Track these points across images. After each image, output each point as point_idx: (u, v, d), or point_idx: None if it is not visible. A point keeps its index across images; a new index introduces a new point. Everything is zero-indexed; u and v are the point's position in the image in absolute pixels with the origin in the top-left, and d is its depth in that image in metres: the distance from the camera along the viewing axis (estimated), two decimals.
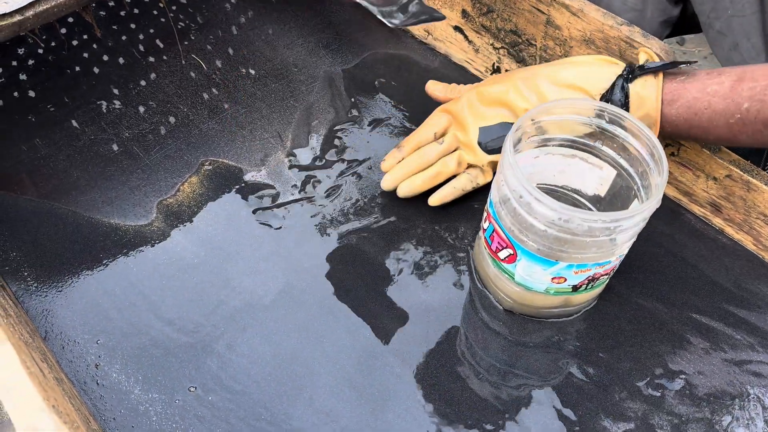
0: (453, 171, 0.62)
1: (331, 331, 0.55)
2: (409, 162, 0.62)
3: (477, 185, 0.62)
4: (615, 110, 0.50)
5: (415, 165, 0.62)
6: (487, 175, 0.62)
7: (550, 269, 0.48)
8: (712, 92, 0.52)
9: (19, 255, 0.59)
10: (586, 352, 0.54)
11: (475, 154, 0.60)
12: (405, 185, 0.62)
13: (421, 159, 0.62)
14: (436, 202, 0.61)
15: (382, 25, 0.82)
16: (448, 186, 0.62)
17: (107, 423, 0.50)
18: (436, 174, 0.61)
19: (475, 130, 0.60)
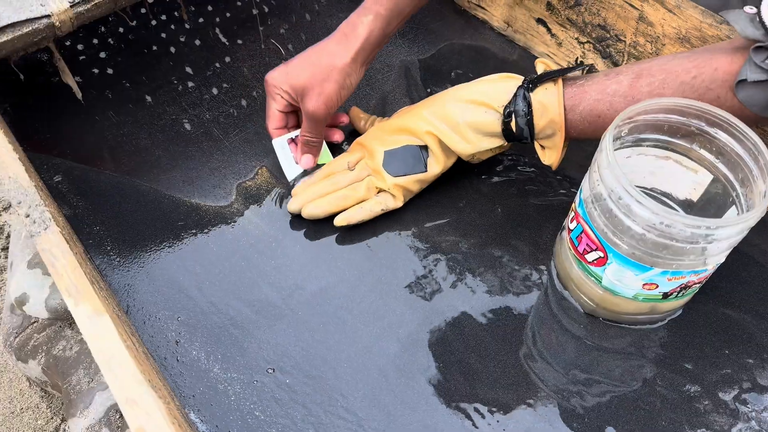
0: (362, 196, 0.60)
1: (407, 322, 0.55)
2: (319, 187, 0.61)
3: (387, 207, 0.60)
4: (717, 112, 0.48)
5: (325, 190, 0.61)
6: (397, 200, 0.60)
7: (643, 275, 0.46)
8: (612, 92, 0.51)
9: (102, 229, 0.60)
10: (670, 361, 0.52)
11: (382, 179, 0.59)
12: (311, 206, 0.60)
13: (332, 185, 0.61)
14: (341, 221, 0.59)
15: (459, 16, 0.81)
16: (355, 206, 0.60)
17: (186, 400, 0.51)
18: (344, 197, 0.60)
19: (381, 154, 0.59)
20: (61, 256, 0.44)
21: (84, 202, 0.61)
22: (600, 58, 0.69)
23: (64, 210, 0.60)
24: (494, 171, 0.65)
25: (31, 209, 0.46)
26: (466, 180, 0.64)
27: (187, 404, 0.50)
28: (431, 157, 0.59)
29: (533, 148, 0.57)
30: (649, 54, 0.64)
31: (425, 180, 0.60)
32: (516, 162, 0.65)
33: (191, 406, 0.50)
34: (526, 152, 0.66)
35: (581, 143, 0.58)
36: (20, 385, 0.67)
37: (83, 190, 0.62)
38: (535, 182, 0.64)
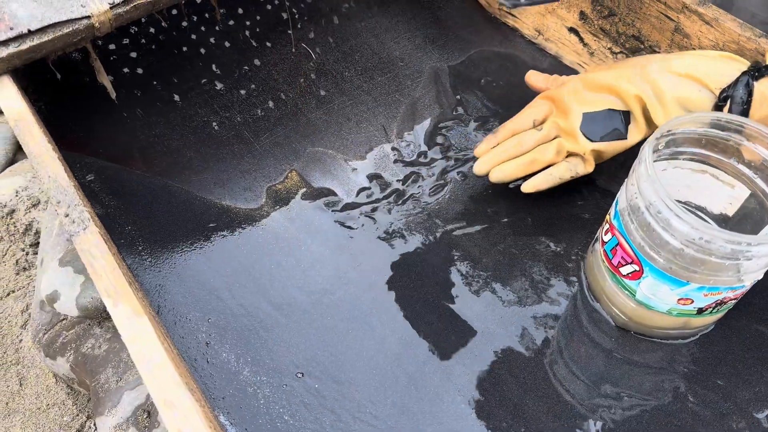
0: (551, 159, 0.58)
1: (436, 332, 0.55)
2: (504, 148, 0.59)
3: (576, 174, 0.59)
4: (757, 126, 0.47)
5: (511, 151, 0.59)
6: (588, 165, 0.58)
7: (679, 290, 0.46)
8: None
9: (134, 229, 0.60)
10: (702, 377, 0.52)
11: (576, 142, 0.57)
12: (497, 170, 0.59)
13: (517, 146, 0.59)
14: (529, 188, 0.58)
15: (489, 23, 0.80)
16: (544, 173, 0.58)
17: (216, 402, 0.51)
18: (532, 161, 0.58)
19: (579, 115, 0.56)
20: (100, 257, 0.44)
21: (116, 202, 0.62)
22: None
23: (97, 209, 0.61)
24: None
25: (71, 209, 0.46)
26: (495, 187, 0.64)
27: (217, 406, 0.51)
28: (632, 124, 0.56)
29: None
30: None
31: (623, 148, 0.57)
32: None
33: (221, 408, 0.51)
34: None
35: None
36: (47, 381, 0.68)
37: (115, 189, 0.62)
38: (566, 191, 0.63)
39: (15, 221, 0.78)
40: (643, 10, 0.64)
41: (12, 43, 0.53)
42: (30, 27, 0.53)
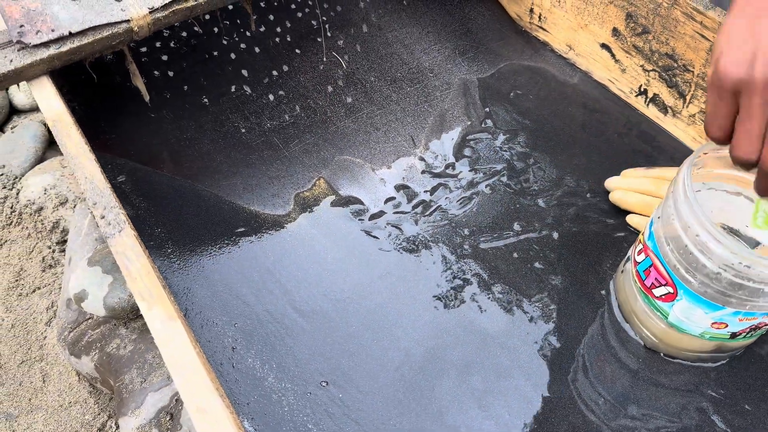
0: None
1: (461, 344, 0.54)
2: (642, 182, 0.61)
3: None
4: None
5: (645, 188, 0.60)
6: None
7: (714, 313, 0.46)
8: None
9: (164, 231, 0.61)
10: (731, 402, 0.51)
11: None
12: (622, 192, 0.61)
13: (654, 187, 0.60)
14: (635, 225, 0.61)
15: (519, 36, 0.80)
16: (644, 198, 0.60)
17: (240, 407, 0.51)
18: (651, 205, 0.59)
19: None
20: (135, 259, 0.44)
21: (146, 204, 0.62)
22: (665, 86, 0.68)
23: (127, 210, 0.61)
24: (553, 195, 0.64)
25: (106, 211, 0.47)
26: (523, 201, 0.64)
27: (242, 412, 0.51)
28: None
29: (595, 173, 0.56)
30: None
31: None
32: (576, 187, 0.65)
33: (245, 414, 0.51)
34: (587, 176, 0.66)
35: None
36: (70, 379, 0.68)
37: (146, 191, 0.63)
38: (594, 208, 0.63)
39: (43, 219, 0.79)
40: (678, 28, 0.63)
41: (53, 44, 0.53)
42: (71, 29, 0.54)
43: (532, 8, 0.79)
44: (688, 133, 0.68)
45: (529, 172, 0.67)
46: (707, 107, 0.43)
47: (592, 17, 0.72)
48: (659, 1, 0.64)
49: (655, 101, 0.70)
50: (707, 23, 0.60)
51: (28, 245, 0.79)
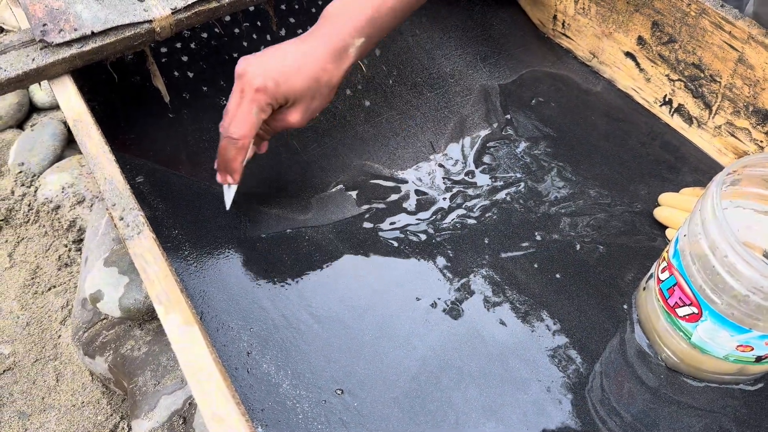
0: None
1: (479, 356, 0.54)
2: (689, 201, 0.60)
3: None
4: None
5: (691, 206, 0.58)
6: None
7: (739, 336, 0.44)
8: None
9: (181, 233, 0.61)
10: (755, 423, 0.50)
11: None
12: (669, 210, 0.60)
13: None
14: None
15: (542, 43, 0.80)
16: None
17: (255, 413, 0.50)
18: None
19: None
20: (153, 263, 0.44)
21: (164, 205, 0.62)
22: (691, 97, 0.67)
23: (145, 211, 0.61)
24: (573, 205, 0.63)
25: (125, 212, 0.47)
26: (543, 211, 0.63)
27: (256, 418, 0.50)
28: None
29: (617, 183, 0.55)
30: (746, 97, 0.62)
31: None
32: (598, 197, 0.64)
33: (260, 420, 0.50)
34: (609, 186, 0.65)
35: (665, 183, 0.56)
36: (83, 379, 0.68)
37: (164, 192, 0.63)
38: (617, 219, 0.62)
39: (60, 217, 0.79)
40: (706, 38, 0.62)
41: (75, 44, 0.53)
42: (93, 29, 0.53)
43: (555, 15, 0.78)
44: (714, 145, 0.67)
45: (550, 180, 0.66)
46: None
47: (617, 25, 0.71)
48: (687, 10, 0.63)
49: (680, 111, 0.69)
50: (736, 33, 0.59)
51: (44, 243, 0.79)
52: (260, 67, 0.52)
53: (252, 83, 0.51)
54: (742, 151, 0.64)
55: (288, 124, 0.55)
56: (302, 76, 0.52)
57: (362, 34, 0.54)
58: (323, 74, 0.53)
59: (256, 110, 0.52)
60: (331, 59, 0.53)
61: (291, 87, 0.52)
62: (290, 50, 0.53)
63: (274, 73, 0.51)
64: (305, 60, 0.52)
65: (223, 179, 0.57)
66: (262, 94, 0.51)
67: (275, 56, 0.52)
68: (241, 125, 0.52)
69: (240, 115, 0.52)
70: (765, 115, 0.61)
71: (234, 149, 0.54)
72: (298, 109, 0.54)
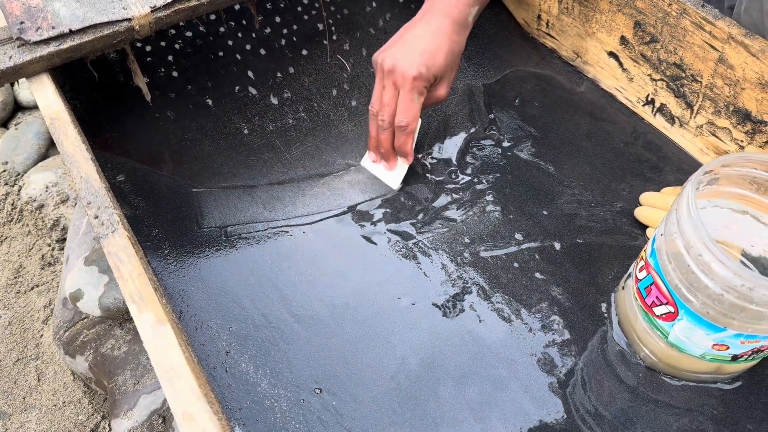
0: None
1: (459, 354, 0.54)
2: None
3: None
4: None
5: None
6: None
7: (715, 335, 0.44)
8: None
9: (161, 232, 0.60)
10: (731, 421, 0.50)
11: None
12: (648, 211, 0.61)
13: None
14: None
15: (527, 42, 0.80)
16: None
17: (233, 413, 0.50)
18: None
19: None
20: (127, 261, 0.44)
21: (145, 204, 0.62)
22: (673, 96, 0.67)
23: (125, 210, 0.61)
24: (554, 205, 0.63)
25: (100, 211, 0.46)
26: (525, 210, 0.63)
27: (234, 417, 0.50)
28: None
29: (599, 182, 0.55)
30: (727, 97, 0.62)
31: None
32: (580, 196, 0.64)
33: (237, 419, 0.50)
34: (591, 186, 0.65)
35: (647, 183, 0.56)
36: (64, 378, 0.68)
37: (145, 191, 0.63)
38: (597, 219, 0.62)
39: (43, 216, 0.79)
40: (687, 38, 0.62)
41: (53, 42, 0.53)
42: (71, 27, 0.53)
43: (539, 15, 0.78)
44: (695, 144, 0.67)
45: (533, 180, 0.66)
46: None
47: (600, 25, 0.71)
48: (668, 10, 0.63)
49: (662, 111, 0.69)
50: (716, 33, 0.59)
51: (28, 242, 0.78)
52: (408, 57, 0.56)
53: (407, 74, 0.56)
54: (723, 151, 0.64)
55: (437, 99, 0.60)
56: (443, 54, 0.57)
57: (477, 2, 0.60)
58: (455, 46, 0.59)
59: (416, 97, 0.57)
60: (457, 31, 0.59)
61: (438, 66, 0.57)
62: (420, 33, 0.58)
63: (424, 58, 0.56)
64: (439, 38, 0.57)
65: (394, 164, 0.63)
66: (419, 80, 0.56)
67: (413, 43, 0.57)
68: (407, 113, 0.58)
69: (403, 104, 0.58)
70: (745, 114, 0.61)
71: (404, 135, 0.60)
72: (444, 83, 0.59)
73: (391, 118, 0.58)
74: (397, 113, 0.58)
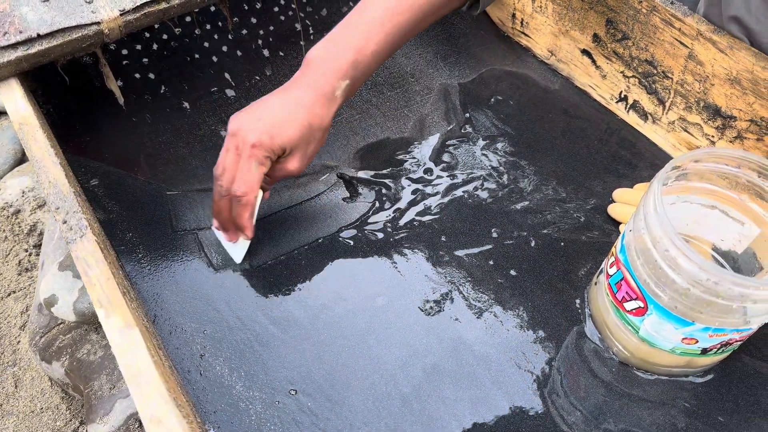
0: None
1: (433, 352, 0.54)
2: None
3: None
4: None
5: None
6: None
7: (684, 329, 0.45)
8: None
9: (135, 236, 0.60)
10: (703, 413, 0.51)
11: None
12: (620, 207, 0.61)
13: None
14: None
15: (502, 42, 0.80)
16: None
17: (208, 416, 0.50)
18: None
19: None
20: (95, 265, 0.44)
21: (119, 208, 0.61)
22: (645, 93, 0.67)
23: (99, 214, 0.60)
24: (529, 202, 0.64)
25: (69, 215, 0.46)
26: (500, 208, 0.63)
27: (208, 420, 0.50)
28: None
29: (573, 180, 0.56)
30: (697, 93, 0.62)
31: None
32: (554, 194, 0.64)
33: (212, 422, 0.50)
34: (566, 183, 0.65)
35: (621, 179, 0.57)
36: (42, 385, 0.68)
37: (119, 195, 0.62)
38: (571, 216, 0.63)
39: (20, 221, 0.78)
40: (657, 35, 0.63)
41: (21, 46, 0.53)
42: (39, 31, 0.53)
43: (514, 13, 0.78)
44: (668, 140, 0.68)
45: (508, 178, 0.66)
46: None
47: (573, 23, 0.71)
48: (638, 8, 0.63)
49: (636, 108, 0.69)
50: (686, 30, 0.60)
51: (4, 248, 0.78)
52: (252, 123, 0.52)
53: (247, 140, 0.52)
54: (695, 146, 0.65)
55: (288, 173, 0.55)
56: (295, 125, 0.52)
57: (347, 77, 0.54)
58: (315, 119, 0.53)
59: (255, 165, 0.52)
60: (320, 104, 0.54)
61: (286, 137, 0.52)
62: (278, 102, 0.53)
63: (268, 127, 0.52)
64: (295, 109, 0.53)
65: (233, 237, 0.57)
66: (259, 149, 0.52)
67: (265, 110, 0.53)
68: (244, 182, 0.52)
69: (241, 173, 0.52)
70: (715, 110, 0.61)
71: (240, 206, 0.54)
72: (295, 156, 0.54)
73: (229, 185, 0.53)
74: (234, 181, 0.53)
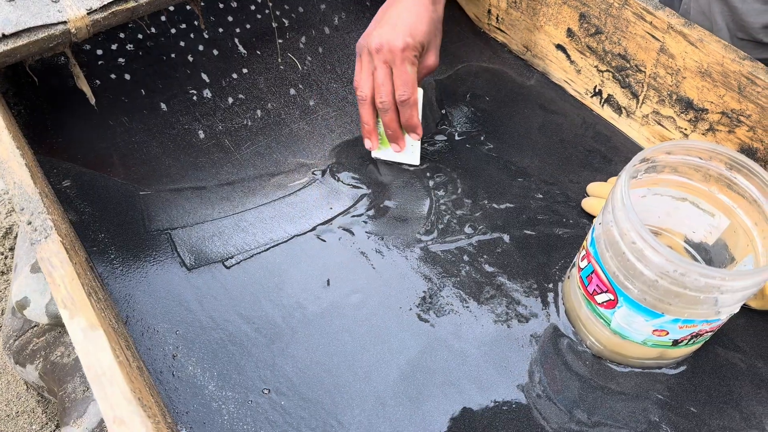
0: None
1: (408, 348, 0.54)
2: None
3: None
4: (739, 157, 0.46)
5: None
6: None
7: (653, 321, 0.45)
8: None
9: (107, 237, 0.60)
10: (676, 405, 0.51)
11: None
12: (594, 201, 0.62)
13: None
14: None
15: (478, 37, 0.80)
16: None
17: (180, 416, 0.50)
18: None
19: None
20: (59, 266, 0.43)
21: (91, 209, 0.61)
22: (619, 87, 0.68)
23: (70, 215, 0.60)
24: (505, 198, 0.64)
25: (34, 216, 0.46)
26: (475, 204, 0.63)
27: (180, 420, 0.50)
28: None
29: (549, 174, 0.55)
30: (669, 86, 0.62)
31: None
32: (529, 189, 0.64)
33: (184, 423, 0.50)
34: (541, 178, 0.65)
35: (596, 173, 0.57)
36: (17, 388, 0.67)
37: (91, 196, 0.62)
38: (546, 211, 0.63)
39: None
40: (629, 29, 0.63)
41: None
42: (5, 31, 0.52)
43: (489, 9, 0.78)
44: (642, 134, 0.68)
45: (484, 174, 0.66)
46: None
47: (547, 18, 0.71)
48: (610, 1, 0.63)
49: (610, 102, 0.70)
50: (656, 23, 0.60)
51: None
52: (392, 32, 0.58)
53: (395, 47, 0.57)
54: (668, 139, 0.65)
55: (430, 68, 0.61)
56: (425, 22, 0.59)
57: None
58: (434, 14, 0.61)
59: (409, 66, 0.58)
60: (432, 1, 0.61)
61: (423, 34, 0.59)
62: (400, 9, 0.59)
63: (406, 30, 0.58)
64: (417, 10, 0.59)
65: (404, 143, 0.63)
66: (408, 50, 0.58)
67: (394, 19, 0.59)
68: (406, 85, 0.58)
69: (399, 79, 0.58)
70: (687, 103, 0.61)
71: (408, 108, 0.60)
72: (431, 51, 0.61)
73: (390, 97, 0.59)
74: (396, 88, 0.58)
